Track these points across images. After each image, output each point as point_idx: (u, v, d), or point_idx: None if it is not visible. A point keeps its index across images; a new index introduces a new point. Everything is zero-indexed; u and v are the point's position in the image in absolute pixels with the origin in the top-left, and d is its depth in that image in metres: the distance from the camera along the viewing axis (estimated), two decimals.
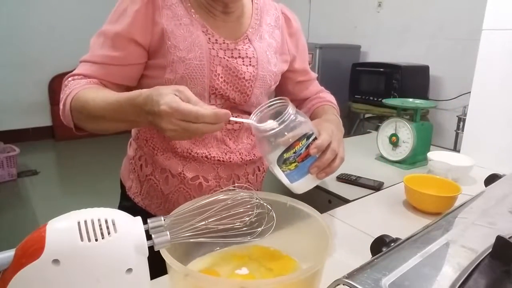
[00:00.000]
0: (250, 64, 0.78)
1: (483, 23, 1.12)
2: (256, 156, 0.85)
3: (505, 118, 1.12)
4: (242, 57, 0.77)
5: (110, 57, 0.71)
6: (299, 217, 0.55)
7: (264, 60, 0.80)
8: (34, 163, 3.33)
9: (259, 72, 0.79)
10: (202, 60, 0.73)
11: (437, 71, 2.45)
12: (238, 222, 0.47)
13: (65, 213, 0.38)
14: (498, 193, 0.60)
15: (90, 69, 0.72)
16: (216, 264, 0.55)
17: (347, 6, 3.12)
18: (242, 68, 0.77)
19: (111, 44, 0.71)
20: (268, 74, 0.81)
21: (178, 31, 0.72)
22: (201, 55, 0.73)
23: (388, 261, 0.39)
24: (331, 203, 1.05)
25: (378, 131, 1.34)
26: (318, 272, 0.44)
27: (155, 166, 0.80)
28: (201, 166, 0.79)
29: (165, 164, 0.79)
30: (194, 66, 0.72)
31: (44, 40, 3.90)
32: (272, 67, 0.82)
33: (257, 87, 0.80)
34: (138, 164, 0.84)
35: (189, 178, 0.78)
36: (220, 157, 0.79)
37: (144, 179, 0.82)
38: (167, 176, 0.79)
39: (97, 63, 0.72)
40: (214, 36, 0.75)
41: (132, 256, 0.38)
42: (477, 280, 0.36)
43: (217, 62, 0.74)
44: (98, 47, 0.72)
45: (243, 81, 0.77)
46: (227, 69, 0.75)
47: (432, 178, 0.92)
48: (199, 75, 0.73)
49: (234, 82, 0.77)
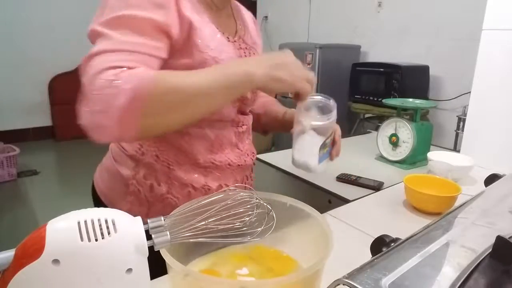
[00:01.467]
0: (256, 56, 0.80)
1: (483, 23, 1.12)
2: (255, 153, 0.86)
3: (505, 118, 1.12)
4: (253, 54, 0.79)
5: (149, 46, 0.59)
6: (299, 217, 0.55)
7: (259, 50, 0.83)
8: (34, 163, 3.33)
9: None
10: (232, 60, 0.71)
11: (437, 71, 2.45)
12: (238, 222, 0.47)
13: (65, 213, 0.38)
14: (498, 193, 0.60)
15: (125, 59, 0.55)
16: (216, 264, 0.55)
17: (347, 6, 3.13)
18: None
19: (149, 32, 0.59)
20: None
21: (205, 28, 0.67)
22: (230, 56, 0.70)
23: (388, 261, 0.39)
24: (331, 203, 1.05)
25: (378, 131, 1.34)
26: (318, 272, 0.44)
27: (171, 183, 0.72)
28: (222, 174, 0.76)
29: (186, 179, 0.72)
30: None
31: (44, 40, 3.90)
32: None
33: None
34: (146, 184, 0.73)
35: (214, 188, 0.74)
36: (238, 162, 0.78)
37: (156, 200, 0.73)
38: (189, 191, 0.73)
39: (135, 52, 0.57)
40: (225, 34, 0.72)
41: (132, 256, 0.38)
42: (477, 280, 0.36)
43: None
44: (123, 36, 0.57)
45: None
46: None
47: (432, 178, 0.92)
48: None
49: None
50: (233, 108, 0.76)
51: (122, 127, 0.53)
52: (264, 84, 0.61)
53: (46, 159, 3.68)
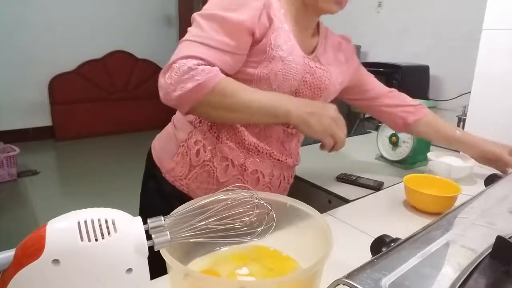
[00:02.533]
0: (325, 76, 0.84)
1: (483, 23, 1.12)
2: (298, 161, 0.94)
3: (505, 118, 1.12)
4: (320, 69, 0.84)
5: (228, 45, 0.71)
6: (299, 217, 0.55)
7: (334, 76, 0.87)
8: (34, 163, 3.33)
9: (330, 85, 0.86)
10: (298, 65, 0.78)
11: (437, 71, 2.45)
12: (238, 222, 0.47)
13: (65, 213, 0.38)
14: (498, 193, 0.60)
15: (207, 54, 0.70)
16: (216, 264, 0.55)
17: (347, 6, 3.12)
18: (322, 79, 0.83)
19: (230, 31, 0.71)
20: (333, 89, 0.88)
21: (282, 32, 0.77)
22: (298, 60, 0.78)
23: (388, 261, 0.39)
24: (331, 203, 1.05)
25: (378, 131, 1.34)
26: (318, 272, 0.44)
27: (215, 153, 0.81)
28: (262, 161, 0.84)
29: (229, 153, 0.81)
30: (290, 68, 0.77)
31: (44, 40, 3.90)
32: (338, 85, 0.90)
33: (321, 98, 0.86)
34: (194, 148, 0.82)
35: (250, 171, 0.83)
36: (280, 157, 0.85)
37: (198, 164, 0.82)
38: (227, 165, 0.82)
39: (214, 48, 0.71)
40: (301, 48, 0.81)
41: (132, 256, 0.38)
42: (477, 280, 0.36)
43: (308, 70, 0.81)
44: (213, 32, 0.71)
45: (318, 90, 0.84)
46: (314, 78, 0.82)
47: (432, 178, 0.92)
48: (291, 78, 0.78)
49: (314, 89, 0.83)
50: None
51: (179, 102, 0.70)
52: (296, 124, 0.72)
53: (46, 159, 3.67)
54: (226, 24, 0.71)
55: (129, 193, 1.04)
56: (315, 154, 1.46)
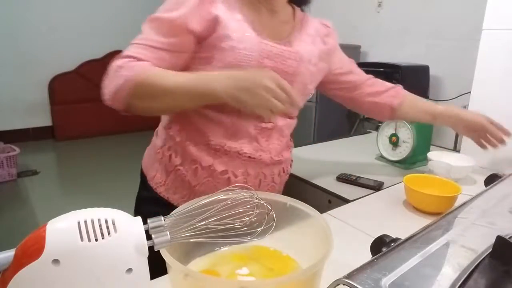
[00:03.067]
0: (293, 59, 0.81)
1: (483, 23, 1.12)
2: (283, 157, 0.87)
3: (505, 118, 1.12)
4: (287, 51, 0.80)
5: (164, 43, 0.73)
6: (299, 217, 0.55)
7: (305, 58, 0.83)
8: (34, 163, 3.33)
9: (300, 67, 0.82)
10: (253, 52, 0.75)
11: (437, 71, 2.45)
12: (238, 222, 0.47)
13: (65, 213, 0.38)
14: (498, 193, 0.60)
15: (143, 52, 0.72)
16: (216, 264, 0.55)
17: (347, 6, 3.12)
18: (288, 62, 0.80)
19: (166, 30, 0.73)
20: (307, 72, 0.84)
21: (231, 23, 0.75)
22: (251, 46, 0.75)
23: (388, 261, 0.39)
24: (331, 203, 1.05)
25: (378, 131, 1.34)
26: (318, 272, 0.44)
27: (185, 157, 0.81)
28: (231, 161, 0.80)
29: (196, 156, 0.80)
30: (243, 56, 0.74)
31: (44, 40, 3.90)
32: (312, 67, 0.85)
33: (296, 83, 0.82)
34: (167, 154, 0.83)
35: (219, 172, 0.80)
36: (251, 154, 0.81)
37: (172, 170, 0.83)
38: (196, 167, 0.80)
39: (150, 47, 0.73)
40: (262, 34, 0.79)
41: (132, 256, 0.38)
42: (477, 280, 0.36)
43: (265, 54, 0.77)
44: (150, 32, 0.74)
45: (287, 75, 0.80)
46: (274, 62, 0.78)
47: (432, 178, 0.92)
48: (246, 65, 0.75)
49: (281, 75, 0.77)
50: None
51: (113, 101, 0.72)
52: (228, 102, 0.69)
53: (46, 159, 3.68)
54: (160, 24, 0.73)
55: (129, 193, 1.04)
56: (315, 154, 1.46)
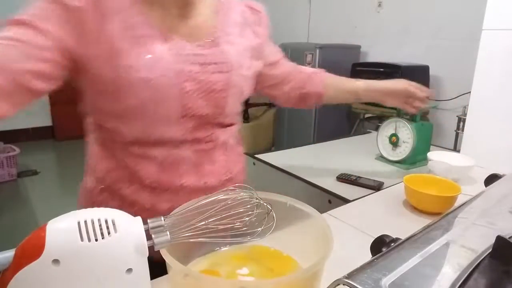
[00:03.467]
0: (221, 71, 0.68)
1: (483, 23, 1.12)
2: (233, 173, 0.76)
3: (505, 118, 1.12)
4: (213, 63, 0.67)
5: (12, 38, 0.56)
6: (299, 217, 0.55)
7: (236, 65, 0.70)
8: (34, 163, 3.33)
9: (233, 78, 0.69)
10: (170, 78, 0.62)
11: (437, 71, 2.45)
12: (238, 222, 0.47)
13: (65, 213, 0.38)
14: (498, 193, 0.60)
15: None
16: (216, 264, 0.55)
17: (347, 6, 3.13)
18: (214, 77, 0.67)
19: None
20: (241, 80, 0.72)
21: (134, 47, 0.60)
22: (167, 72, 0.62)
23: (388, 261, 0.39)
24: (331, 203, 1.05)
25: (378, 131, 1.34)
26: (318, 272, 0.44)
27: (123, 200, 0.69)
28: (175, 196, 0.69)
29: (134, 198, 0.68)
30: (160, 86, 0.62)
31: None
32: (245, 71, 0.73)
33: (231, 96, 0.70)
34: (100, 197, 0.71)
35: (165, 209, 0.68)
36: (195, 184, 0.69)
37: None
38: (137, 209, 0.69)
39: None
40: (177, 43, 0.64)
41: (132, 256, 0.38)
42: (477, 280, 0.36)
43: (185, 77, 0.64)
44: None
45: (217, 92, 0.68)
46: (198, 83, 0.65)
47: (432, 178, 0.92)
48: (167, 97, 0.63)
49: (209, 96, 0.67)
50: (181, 126, 0.67)
51: None
52: None
53: (46, 159, 3.68)
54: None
55: None
56: (315, 154, 1.46)
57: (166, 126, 0.66)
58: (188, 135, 0.68)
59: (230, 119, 0.75)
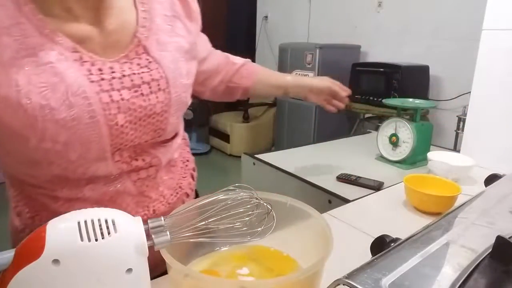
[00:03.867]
0: (158, 89, 0.55)
1: (483, 23, 1.12)
2: (182, 189, 0.68)
3: (505, 118, 1.12)
4: (147, 82, 0.54)
5: None
6: (299, 217, 0.55)
7: (174, 77, 0.57)
8: None
9: (172, 95, 0.57)
10: (95, 115, 0.48)
11: (437, 71, 2.45)
12: (238, 222, 0.47)
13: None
14: (498, 193, 0.60)
15: None
16: (216, 264, 0.55)
17: (347, 6, 3.13)
18: (150, 100, 0.54)
19: None
20: (182, 92, 0.59)
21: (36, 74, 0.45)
22: (91, 107, 0.48)
23: (388, 261, 0.39)
24: (331, 203, 1.05)
25: (378, 131, 1.34)
26: (318, 272, 0.44)
27: None
28: None
29: None
30: (84, 127, 0.48)
31: None
32: (185, 80, 0.60)
33: (172, 115, 0.59)
34: None
35: None
36: (143, 213, 0.61)
37: None
38: None
39: None
40: (92, 60, 0.50)
41: (132, 256, 0.38)
42: (477, 280, 0.36)
43: (115, 109, 0.50)
44: None
45: (156, 116, 0.56)
46: (131, 113, 0.52)
47: (432, 178, 0.92)
48: (94, 138, 0.50)
49: (147, 123, 0.55)
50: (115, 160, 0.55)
51: None
52: None
53: None
54: None
55: None
56: (315, 154, 1.46)
57: (96, 164, 0.53)
58: (125, 167, 0.57)
59: (172, 134, 0.64)
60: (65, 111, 0.47)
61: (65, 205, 0.56)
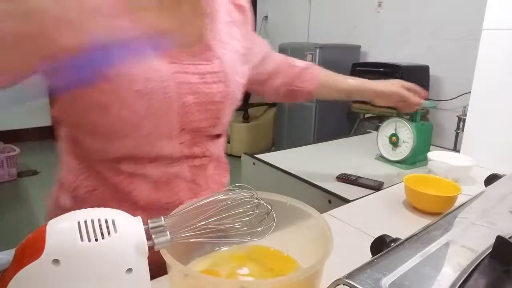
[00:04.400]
0: (219, 80, 0.62)
1: (483, 23, 1.12)
2: (223, 185, 0.73)
3: (505, 118, 1.12)
4: (210, 72, 0.61)
5: None
6: (299, 217, 0.55)
7: (232, 73, 0.64)
8: (34, 163, 3.33)
9: (230, 88, 0.64)
10: (168, 91, 0.55)
11: (437, 71, 2.45)
12: (238, 222, 0.47)
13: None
14: (498, 193, 0.60)
15: None
16: (216, 264, 0.55)
17: (347, 6, 3.13)
18: (212, 88, 0.61)
19: None
20: (236, 88, 0.67)
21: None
22: (166, 84, 0.55)
23: (388, 261, 0.39)
24: (331, 203, 1.05)
25: (378, 131, 1.34)
26: (318, 272, 0.44)
27: None
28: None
29: None
30: (159, 100, 0.55)
31: None
32: (239, 78, 0.67)
33: (228, 106, 0.66)
34: None
35: None
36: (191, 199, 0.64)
37: None
38: None
39: None
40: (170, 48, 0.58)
41: (132, 256, 0.38)
42: (477, 280, 0.36)
43: (186, 89, 0.58)
44: None
45: (215, 104, 0.63)
46: (199, 95, 0.60)
47: (432, 178, 0.92)
48: (165, 112, 0.57)
49: (208, 108, 0.62)
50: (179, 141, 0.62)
51: None
52: None
53: (46, 159, 3.67)
54: None
55: None
56: (315, 154, 1.46)
57: (164, 142, 0.60)
58: (186, 151, 0.63)
59: (222, 130, 0.70)
60: (143, 83, 0.53)
61: (125, 180, 0.60)
